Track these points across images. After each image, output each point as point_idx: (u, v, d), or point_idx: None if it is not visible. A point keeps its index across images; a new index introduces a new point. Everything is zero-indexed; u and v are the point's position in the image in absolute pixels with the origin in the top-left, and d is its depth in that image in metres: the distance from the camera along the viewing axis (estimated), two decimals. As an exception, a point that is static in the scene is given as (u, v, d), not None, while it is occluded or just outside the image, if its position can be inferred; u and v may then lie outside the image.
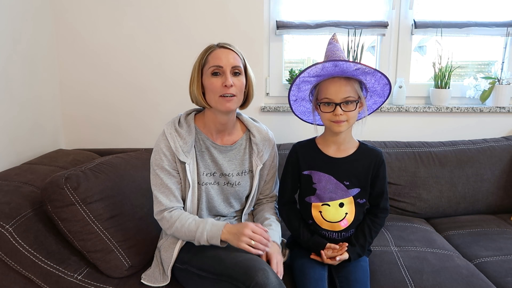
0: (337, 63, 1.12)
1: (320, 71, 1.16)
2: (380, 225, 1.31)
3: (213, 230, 1.18)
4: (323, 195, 1.26)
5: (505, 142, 1.92)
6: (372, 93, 1.27)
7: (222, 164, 1.31)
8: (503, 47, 2.07)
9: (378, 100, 1.31)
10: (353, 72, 1.16)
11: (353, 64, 1.13)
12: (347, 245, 1.25)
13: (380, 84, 1.23)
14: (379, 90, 1.26)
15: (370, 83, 1.22)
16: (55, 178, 1.22)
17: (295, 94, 1.27)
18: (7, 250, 1.11)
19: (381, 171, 1.28)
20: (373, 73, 1.17)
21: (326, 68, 1.14)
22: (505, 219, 1.77)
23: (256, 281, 1.01)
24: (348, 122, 1.19)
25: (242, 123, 1.38)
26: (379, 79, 1.20)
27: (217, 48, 1.22)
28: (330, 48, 1.22)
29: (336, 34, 1.28)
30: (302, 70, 1.16)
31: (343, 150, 1.28)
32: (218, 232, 1.17)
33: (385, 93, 1.26)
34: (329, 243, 1.26)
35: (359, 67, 1.14)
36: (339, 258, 1.21)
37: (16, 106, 1.62)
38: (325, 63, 1.13)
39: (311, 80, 1.21)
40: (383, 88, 1.25)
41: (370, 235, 1.28)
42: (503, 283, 1.30)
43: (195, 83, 1.23)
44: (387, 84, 1.22)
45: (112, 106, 1.99)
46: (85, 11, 1.89)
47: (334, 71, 1.15)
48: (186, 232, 1.20)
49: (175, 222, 1.21)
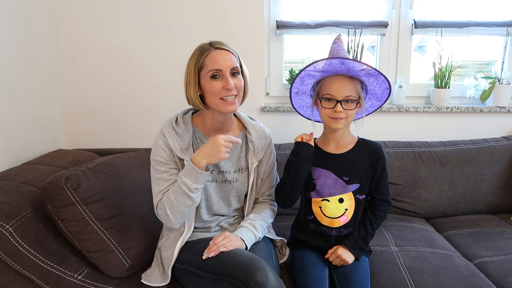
0: (344, 61, 1.14)
1: (327, 67, 1.18)
2: (382, 217, 1.31)
3: (187, 168, 1.15)
4: (322, 191, 1.27)
5: (505, 142, 1.92)
6: (371, 96, 1.29)
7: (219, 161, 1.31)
8: (503, 47, 2.07)
9: (376, 104, 1.33)
10: (358, 72, 1.18)
11: (359, 64, 1.15)
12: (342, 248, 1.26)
13: (381, 88, 1.25)
14: (379, 94, 1.28)
15: (371, 85, 1.24)
16: (55, 178, 1.22)
17: (297, 86, 1.28)
18: (7, 250, 1.11)
19: (381, 164, 1.29)
20: (377, 75, 1.20)
21: (333, 64, 1.16)
22: (505, 219, 1.77)
23: (256, 281, 1.02)
24: (346, 120, 1.21)
25: (239, 121, 1.38)
26: (381, 83, 1.22)
27: (212, 50, 1.21)
28: (335, 47, 1.23)
29: (341, 35, 1.29)
30: (310, 64, 1.18)
31: (342, 146, 1.29)
32: (191, 166, 1.14)
33: (384, 97, 1.29)
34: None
35: (365, 68, 1.16)
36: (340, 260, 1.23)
37: (16, 106, 1.62)
38: (333, 59, 1.15)
39: (315, 75, 1.23)
40: (383, 92, 1.27)
41: (372, 227, 1.29)
42: (503, 283, 1.30)
43: (192, 87, 1.22)
44: (387, 88, 1.24)
45: (112, 106, 1.99)
46: (85, 11, 1.89)
47: (340, 68, 1.17)
48: (175, 196, 1.16)
49: (164, 201, 1.19)
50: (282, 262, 1.35)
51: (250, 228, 1.26)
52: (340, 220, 1.28)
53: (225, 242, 1.17)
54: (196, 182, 1.15)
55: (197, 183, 1.15)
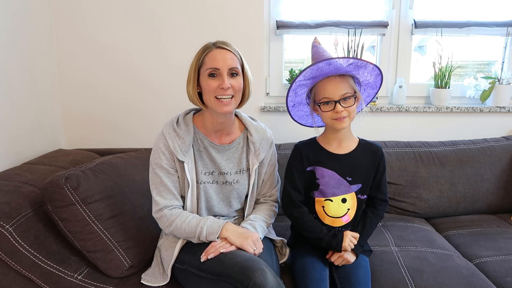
0: (330, 62, 1.14)
1: (315, 72, 1.18)
2: (380, 217, 1.32)
3: (213, 226, 1.20)
4: (326, 191, 1.27)
5: (505, 142, 1.92)
6: (366, 86, 1.30)
7: (220, 163, 1.31)
8: (503, 47, 2.07)
9: (372, 92, 1.34)
10: (346, 68, 1.18)
11: (346, 60, 1.15)
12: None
13: (373, 76, 1.26)
14: (372, 82, 1.29)
15: (363, 76, 1.25)
16: (55, 178, 1.22)
17: (292, 99, 1.28)
18: (7, 250, 1.11)
19: (382, 165, 1.31)
20: (365, 65, 1.20)
21: (320, 68, 1.16)
22: (505, 219, 1.77)
23: (254, 281, 1.02)
24: (349, 117, 1.22)
25: (240, 122, 1.38)
26: (371, 71, 1.23)
27: (214, 49, 1.22)
28: (316, 51, 1.24)
29: (317, 38, 1.30)
30: (297, 75, 1.18)
31: (345, 147, 1.29)
32: (218, 229, 1.19)
33: (377, 83, 1.29)
34: (349, 232, 1.26)
35: (352, 61, 1.16)
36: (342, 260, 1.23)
37: (16, 106, 1.62)
38: (319, 63, 1.15)
39: (307, 83, 1.23)
40: (376, 79, 1.28)
41: (371, 226, 1.30)
42: (503, 283, 1.30)
43: (191, 83, 1.24)
44: (379, 75, 1.25)
45: (112, 106, 1.99)
46: (85, 10, 1.89)
47: (329, 69, 1.17)
48: (186, 228, 1.21)
49: (176, 219, 1.22)
50: (282, 262, 1.35)
51: (250, 229, 1.26)
52: (342, 220, 1.28)
53: (224, 243, 1.18)
54: (205, 239, 1.20)
55: (204, 239, 1.20)
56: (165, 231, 1.28)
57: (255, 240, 1.19)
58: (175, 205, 1.26)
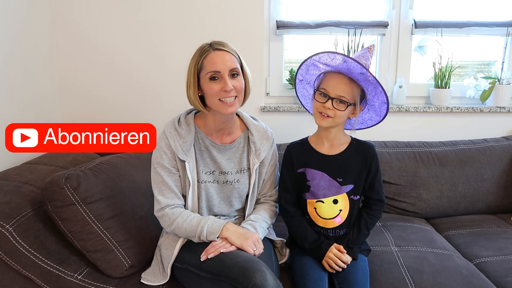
0: (346, 59, 1.15)
1: (330, 60, 1.18)
2: (376, 217, 1.32)
3: (214, 226, 1.20)
4: (316, 192, 1.27)
5: (505, 142, 1.92)
6: (370, 107, 1.29)
7: (221, 162, 1.31)
8: (503, 47, 2.07)
9: (375, 118, 1.32)
10: (357, 75, 1.17)
11: (359, 67, 1.14)
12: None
13: (379, 100, 1.24)
14: (377, 107, 1.27)
15: (370, 95, 1.24)
16: (55, 178, 1.22)
17: (302, 74, 1.29)
18: (7, 250, 1.11)
19: (374, 164, 1.29)
20: (376, 85, 1.19)
21: (335, 59, 1.17)
22: (505, 219, 1.77)
23: (254, 283, 1.02)
24: (333, 120, 1.21)
25: (241, 121, 1.38)
26: (379, 94, 1.21)
27: (211, 51, 1.21)
28: (361, 52, 1.21)
29: (373, 46, 1.25)
30: (316, 53, 1.19)
31: (336, 147, 1.29)
32: (218, 229, 1.19)
33: (382, 112, 1.27)
34: (336, 244, 1.25)
35: (365, 72, 1.15)
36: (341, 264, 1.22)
37: (16, 106, 1.62)
38: (336, 53, 1.16)
39: (320, 67, 1.24)
40: (380, 106, 1.26)
41: (367, 227, 1.29)
42: (503, 283, 1.30)
43: (192, 88, 1.23)
44: (384, 103, 1.23)
45: (112, 106, 1.99)
46: (85, 10, 1.89)
47: (342, 66, 1.17)
48: (187, 227, 1.21)
49: (177, 218, 1.22)
50: (282, 263, 1.35)
51: (251, 230, 1.26)
52: (335, 221, 1.28)
53: (224, 243, 1.18)
54: (205, 238, 1.20)
55: (205, 239, 1.20)
56: (166, 230, 1.28)
57: (256, 241, 1.19)
58: (177, 204, 1.27)
